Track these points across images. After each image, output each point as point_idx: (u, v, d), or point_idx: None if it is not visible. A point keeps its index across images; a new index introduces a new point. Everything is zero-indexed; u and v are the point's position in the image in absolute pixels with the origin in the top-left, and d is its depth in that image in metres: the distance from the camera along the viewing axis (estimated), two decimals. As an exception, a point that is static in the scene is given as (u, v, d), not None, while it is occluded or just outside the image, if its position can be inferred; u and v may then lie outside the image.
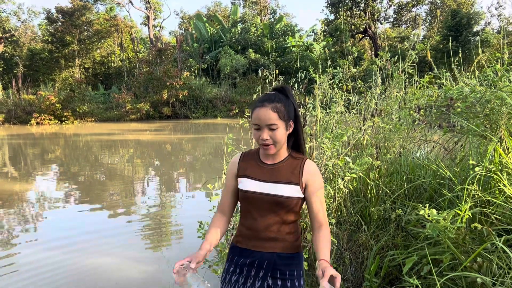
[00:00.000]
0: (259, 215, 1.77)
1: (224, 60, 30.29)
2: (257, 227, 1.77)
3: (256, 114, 1.67)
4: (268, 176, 1.76)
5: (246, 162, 1.85)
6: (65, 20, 33.82)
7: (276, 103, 1.67)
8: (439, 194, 3.21)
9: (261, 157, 1.83)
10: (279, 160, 1.79)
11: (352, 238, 3.38)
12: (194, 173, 9.97)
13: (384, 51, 4.20)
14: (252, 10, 44.05)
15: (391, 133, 3.96)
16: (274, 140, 1.68)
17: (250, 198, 1.77)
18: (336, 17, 32.28)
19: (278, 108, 1.66)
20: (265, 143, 1.68)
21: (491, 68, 3.39)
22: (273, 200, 1.72)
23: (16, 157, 12.72)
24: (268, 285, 1.74)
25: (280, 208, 1.73)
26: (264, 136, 1.67)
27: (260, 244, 1.76)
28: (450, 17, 27.09)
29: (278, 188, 1.73)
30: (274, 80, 4.45)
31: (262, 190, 1.75)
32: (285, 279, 1.75)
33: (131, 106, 25.37)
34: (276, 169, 1.77)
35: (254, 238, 1.78)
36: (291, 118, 1.73)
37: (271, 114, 1.65)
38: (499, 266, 2.13)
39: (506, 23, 33.43)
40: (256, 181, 1.77)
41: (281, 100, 1.70)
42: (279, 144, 1.70)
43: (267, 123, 1.66)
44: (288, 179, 1.74)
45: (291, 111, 1.73)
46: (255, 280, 1.76)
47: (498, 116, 2.90)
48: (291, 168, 1.76)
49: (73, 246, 4.92)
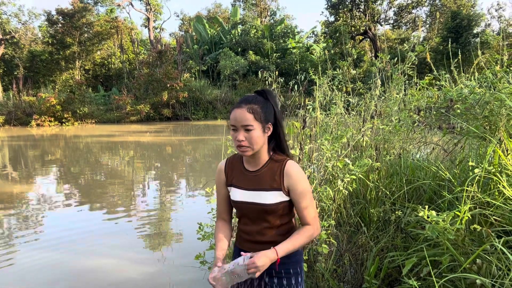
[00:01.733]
0: (251, 222, 1.81)
1: (224, 62, 30.31)
2: (251, 232, 1.82)
3: (233, 114, 1.69)
4: (252, 184, 1.78)
5: (232, 170, 1.87)
6: (66, 22, 33.84)
7: (253, 105, 1.67)
8: (438, 196, 3.22)
9: (244, 163, 1.84)
10: (261, 165, 1.78)
11: (352, 239, 3.38)
12: (194, 175, 9.97)
13: (384, 52, 4.21)
14: (252, 12, 44.09)
15: (391, 135, 3.96)
16: (249, 141, 1.67)
17: (239, 208, 1.82)
18: (336, 19, 32.29)
19: (254, 109, 1.66)
20: (240, 144, 1.68)
21: (491, 69, 3.39)
22: (260, 208, 1.75)
23: (16, 158, 12.73)
24: (265, 282, 1.82)
25: (269, 215, 1.76)
26: (239, 137, 1.67)
27: (255, 247, 1.79)
28: (450, 19, 27.11)
29: (263, 196, 1.74)
30: (274, 81, 4.45)
31: (248, 199, 1.77)
32: (281, 277, 1.81)
33: (131, 107, 25.37)
34: (259, 176, 1.77)
35: (250, 241, 1.84)
36: (269, 121, 1.72)
37: (246, 115, 1.65)
38: (498, 267, 2.13)
39: (506, 25, 33.47)
40: (242, 190, 1.80)
41: (259, 102, 1.70)
42: (255, 146, 1.69)
43: (242, 124, 1.66)
44: (270, 185, 1.74)
45: (270, 113, 1.72)
46: (253, 279, 1.82)
47: (498, 117, 2.91)
48: (272, 173, 1.76)
49: (72, 247, 4.92)
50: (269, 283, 1.81)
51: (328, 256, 3.02)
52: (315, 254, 3.10)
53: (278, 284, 1.81)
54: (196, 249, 3.37)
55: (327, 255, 2.99)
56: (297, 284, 1.84)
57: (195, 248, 3.76)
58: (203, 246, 3.50)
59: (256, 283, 1.83)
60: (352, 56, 28.61)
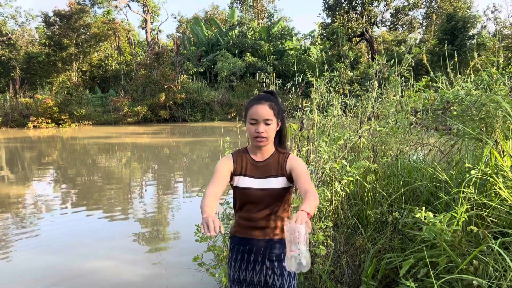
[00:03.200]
0: (255, 208, 1.99)
1: (221, 64, 30.30)
2: (254, 218, 2.00)
3: (255, 109, 1.91)
4: (261, 172, 2.00)
5: (240, 161, 2.06)
6: (63, 23, 33.72)
7: (271, 102, 1.94)
8: (435, 197, 3.23)
9: (251, 155, 2.06)
10: (268, 156, 2.03)
11: (349, 241, 3.39)
12: (191, 176, 9.97)
13: (380, 54, 4.22)
14: (249, 14, 44.11)
15: (388, 136, 3.97)
16: (267, 133, 1.92)
17: (248, 194, 1.99)
18: (333, 21, 32.32)
19: (273, 106, 1.93)
20: (260, 135, 1.91)
21: (487, 71, 3.41)
22: (267, 193, 1.96)
23: (13, 160, 12.68)
24: (267, 266, 2.00)
25: (274, 200, 1.97)
26: (260, 129, 1.91)
27: (256, 232, 2.00)
28: (446, 21, 27.21)
29: (271, 181, 1.97)
30: (271, 83, 4.46)
31: (258, 186, 1.98)
32: (280, 260, 1.99)
33: (128, 109, 25.32)
34: (267, 165, 2.01)
35: (252, 227, 2.01)
36: (279, 117, 1.99)
37: (268, 110, 1.91)
38: (495, 268, 2.14)
39: (502, 27, 33.61)
40: (252, 178, 2.00)
41: (274, 100, 1.98)
42: (270, 138, 1.95)
43: (264, 118, 1.90)
44: (277, 172, 1.98)
45: (280, 111, 1.99)
46: (255, 264, 2.01)
47: (494, 119, 2.92)
48: (278, 162, 2.00)
49: (69, 249, 4.91)
50: (270, 266, 1.99)
51: (325, 258, 3.02)
52: (313, 256, 3.11)
53: (278, 266, 1.99)
54: (193, 251, 3.37)
55: (324, 256, 2.99)
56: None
57: (192, 250, 3.76)
58: (200, 248, 3.49)
59: (258, 268, 2.00)
60: (349, 58, 28.64)
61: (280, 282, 1.98)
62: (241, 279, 2.06)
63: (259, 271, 2.00)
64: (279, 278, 1.98)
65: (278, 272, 1.99)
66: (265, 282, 2.00)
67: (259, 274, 2.00)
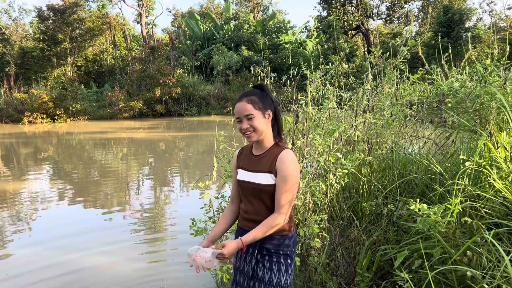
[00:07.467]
0: (249, 202, 2.03)
1: (217, 58, 30.20)
2: (248, 211, 2.04)
3: (236, 108, 1.94)
4: (254, 166, 2.01)
5: (242, 155, 2.13)
6: (57, 18, 33.44)
7: (251, 96, 1.93)
8: (430, 189, 3.24)
9: (253, 149, 2.08)
10: (265, 150, 2.01)
11: (344, 233, 3.40)
12: (187, 171, 9.96)
13: (376, 47, 4.21)
14: (244, 7, 43.89)
15: (383, 129, 3.98)
16: (253, 127, 1.91)
17: (241, 186, 2.05)
18: (329, 14, 32.20)
19: (252, 100, 1.91)
20: (246, 131, 1.92)
21: (481, 63, 3.41)
22: (254, 187, 1.98)
23: (8, 156, 12.62)
24: (257, 259, 2.03)
25: (263, 195, 1.96)
26: (244, 126, 1.91)
27: (250, 225, 1.99)
28: (442, 13, 27.16)
29: (258, 176, 1.97)
30: (267, 77, 4.44)
31: (247, 179, 2.01)
32: (271, 255, 2.00)
33: (124, 104, 25.21)
34: (260, 159, 2.00)
35: (247, 219, 2.05)
36: (268, 108, 1.95)
37: (246, 106, 1.90)
38: (488, 259, 2.16)
39: (497, 19, 33.63)
40: (245, 171, 2.04)
41: (256, 93, 1.95)
42: (259, 131, 1.92)
43: (244, 114, 1.90)
44: (265, 168, 1.96)
45: (268, 102, 1.96)
46: (246, 255, 2.05)
47: (488, 111, 2.93)
48: (271, 157, 1.96)
49: (66, 245, 4.90)
50: (261, 260, 2.02)
51: (320, 250, 3.03)
52: (308, 248, 3.12)
53: (269, 261, 2.00)
54: (189, 245, 3.37)
55: (319, 249, 3.00)
56: (286, 263, 2.01)
57: (188, 244, 3.76)
58: (196, 241, 3.49)
59: (249, 259, 2.03)
60: (344, 51, 28.62)
61: (268, 276, 1.99)
62: (236, 267, 2.14)
63: (249, 262, 2.04)
64: (268, 271, 2.00)
65: (268, 266, 2.00)
66: (253, 274, 2.04)
67: (249, 265, 2.04)
